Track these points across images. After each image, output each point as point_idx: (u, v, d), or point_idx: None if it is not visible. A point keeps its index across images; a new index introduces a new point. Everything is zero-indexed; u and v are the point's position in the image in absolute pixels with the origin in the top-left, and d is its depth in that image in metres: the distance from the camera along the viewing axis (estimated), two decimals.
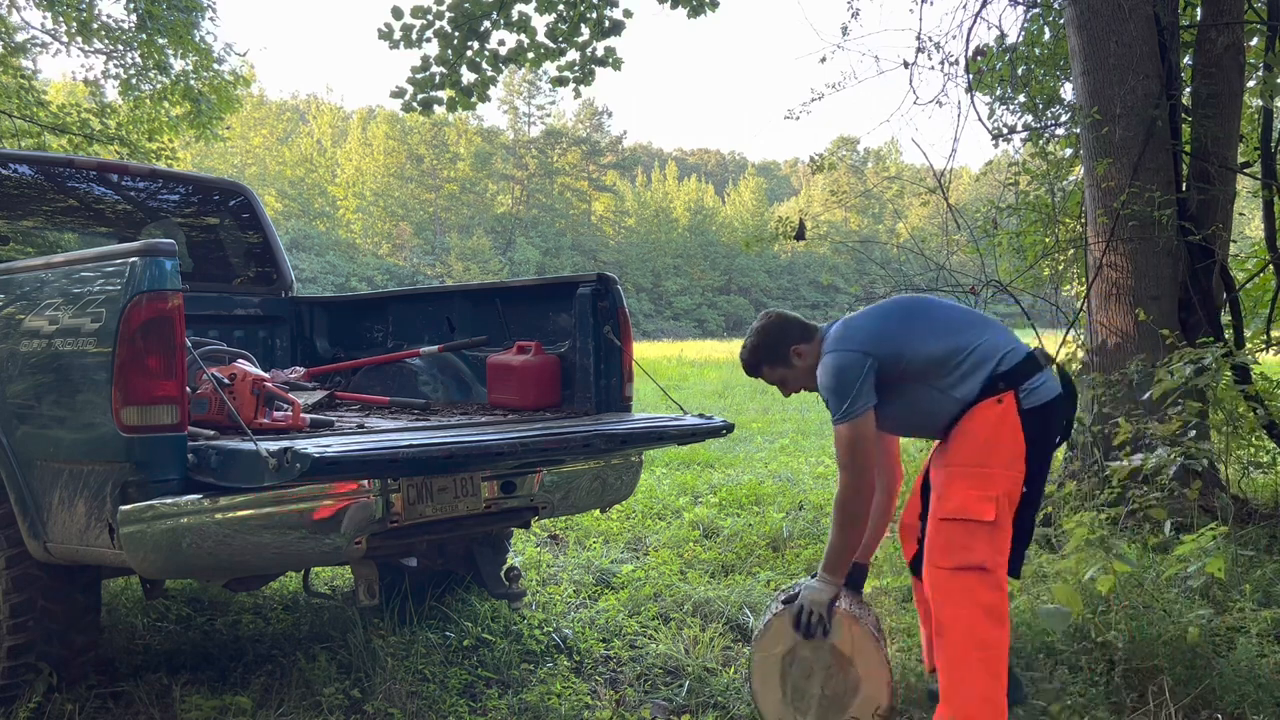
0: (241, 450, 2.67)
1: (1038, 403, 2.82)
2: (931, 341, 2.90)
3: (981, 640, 2.75)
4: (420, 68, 7.57)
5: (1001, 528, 2.79)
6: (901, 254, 8.28)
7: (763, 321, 3.21)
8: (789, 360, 3.14)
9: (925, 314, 3.01)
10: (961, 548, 2.78)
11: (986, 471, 2.79)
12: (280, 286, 5.15)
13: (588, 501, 3.75)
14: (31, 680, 3.07)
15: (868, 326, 2.99)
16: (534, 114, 70.45)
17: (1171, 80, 5.39)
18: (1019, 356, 2.86)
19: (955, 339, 2.89)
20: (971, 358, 2.86)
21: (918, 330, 2.94)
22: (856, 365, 2.86)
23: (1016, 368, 2.83)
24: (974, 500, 2.77)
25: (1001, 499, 2.78)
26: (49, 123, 10.39)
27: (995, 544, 2.78)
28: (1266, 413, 5.26)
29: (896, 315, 3.03)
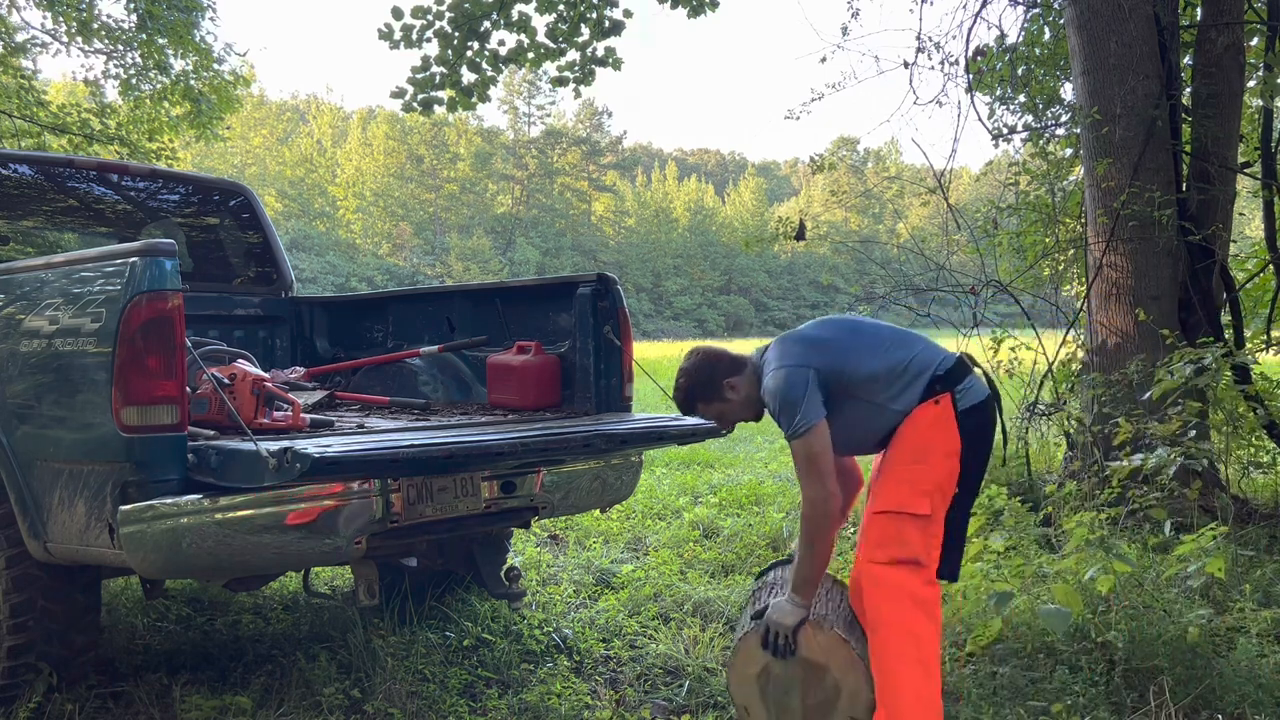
0: (241, 450, 2.67)
1: (972, 402, 2.89)
2: (870, 358, 2.93)
3: (916, 636, 2.75)
4: (420, 68, 7.57)
5: (936, 521, 2.82)
6: (901, 254, 8.28)
7: (689, 362, 3.17)
8: (723, 394, 3.10)
9: (860, 332, 3.04)
10: (896, 541, 2.80)
11: (921, 466, 2.84)
12: (280, 286, 5.15)
13: (588, 501, 3.75)
14: (31, 680, 3.07)
15: (804, 342, 3.01)
16: (534, 114, 70.48)
17: (1171, 80, 5.39)
18: (951, 362, 2.94)
19: (893, 354, 2.94)
20: (910, 369, 2.91)
21: (856, 347, 2.97)
22: (800, 379, 2.87)
23: (950, 372, 2.90)
24: (908, 494, 2.81)
25: (935, 493, 2.82)
26: (49, 123, 10.39)
27: (929, 538, 2.81)
28: (1266, 413, 5.26)
29: (833, 331, 3.05)
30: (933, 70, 10.28)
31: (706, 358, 3.16)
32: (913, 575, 2.78)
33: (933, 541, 2.82)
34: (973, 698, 3.27)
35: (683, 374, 3.16)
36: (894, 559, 2.79)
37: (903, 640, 2.75)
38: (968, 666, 3.50)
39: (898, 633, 2.76)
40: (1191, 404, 4.35)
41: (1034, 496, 5.41)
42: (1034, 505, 5.10)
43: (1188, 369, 4.21)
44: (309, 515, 2.88)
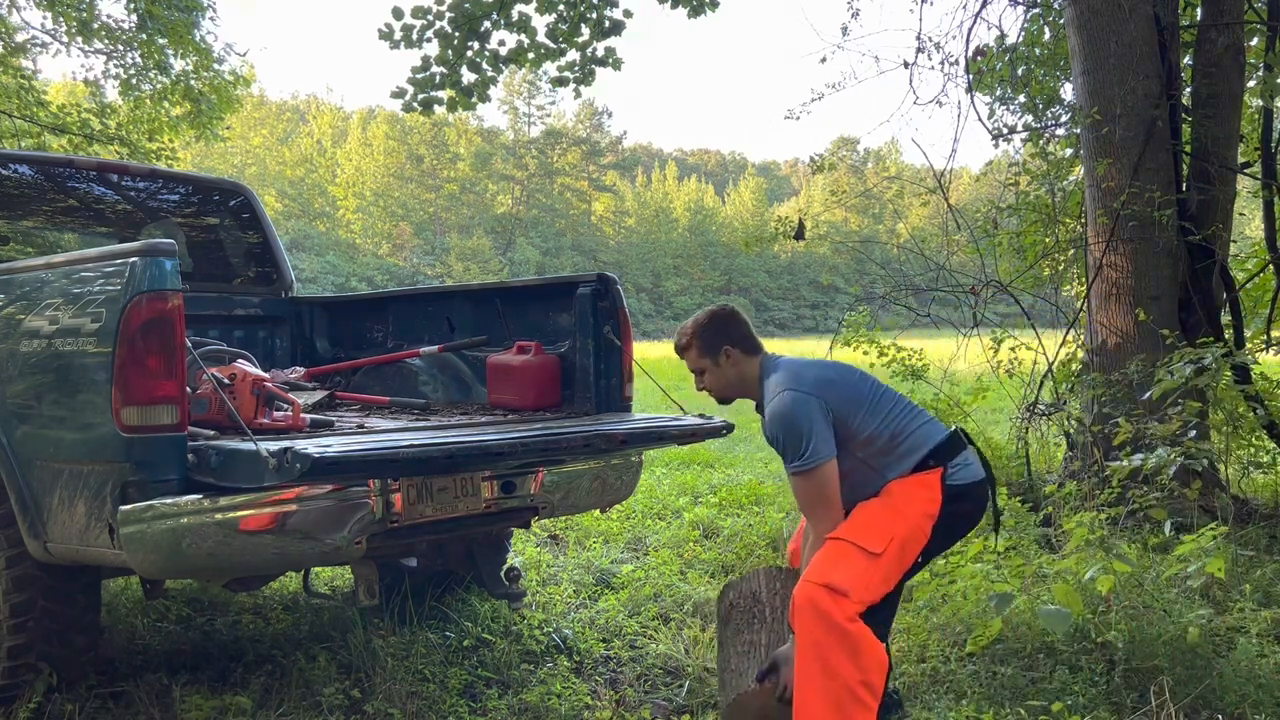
0: (241, 450, 2.67)
1: (961, 481, 2.85)
2: (874, 416, 2.90)
3: (827, 663, 2.59)
4: (420, 68, 7.56)
5: (881, 570, 2.70)
6: (901, 254, 8.28)
7: (715, 309, 3.16)
8: (717, 356, 3.07)
9: (870, 386, 2.99)
10: (835, 567, 2.68)
11: (892, 513, 2.78)
12: (280, 286, 5.14)
13: (588, 501, 3.75)
14: (31, 680, 3.07)
15: (817, 372, 2.97)
16: (534, 114, 70.47)
17: (1171, 80, 5.39)
18: (943, 436, 2.91)
19: (897, 419, 2.91)
20: (910, 440, 2.88)
21: (863, 399, 2.93)
22: (813, 409, 2.82)
23: (942, 446, 2.88)
24: (865, 529, 2.74)
25: (896, 542, 2.73)
26: (49, 123, 10.39)
27: (869, 579, 2.68)
28: (1266, 413, 5.26)
29: (843, 376, 3.01)
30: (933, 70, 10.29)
31: (730, 317, 3.12)
32: (836, 602, 2.62)
33: (871, 584, 2.69)
34: (973, 698, 3.27)
35: (702, 314, 3.15)
36: (825, 581, 2.65)
37: (812, 665, 2.61)
38: (968, 666, 3.50)
39: (809, 655, 2.62)
40: (1191, 404, 4.35)
41: (1034, 496, 5.41)
42: (1034, 505, 5.10)
43: (1188, 369, 4.20)
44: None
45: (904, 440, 2.87)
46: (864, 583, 2.67)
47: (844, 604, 2.62)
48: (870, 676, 2.62)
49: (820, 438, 2.80)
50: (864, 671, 2.61)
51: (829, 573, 2.67)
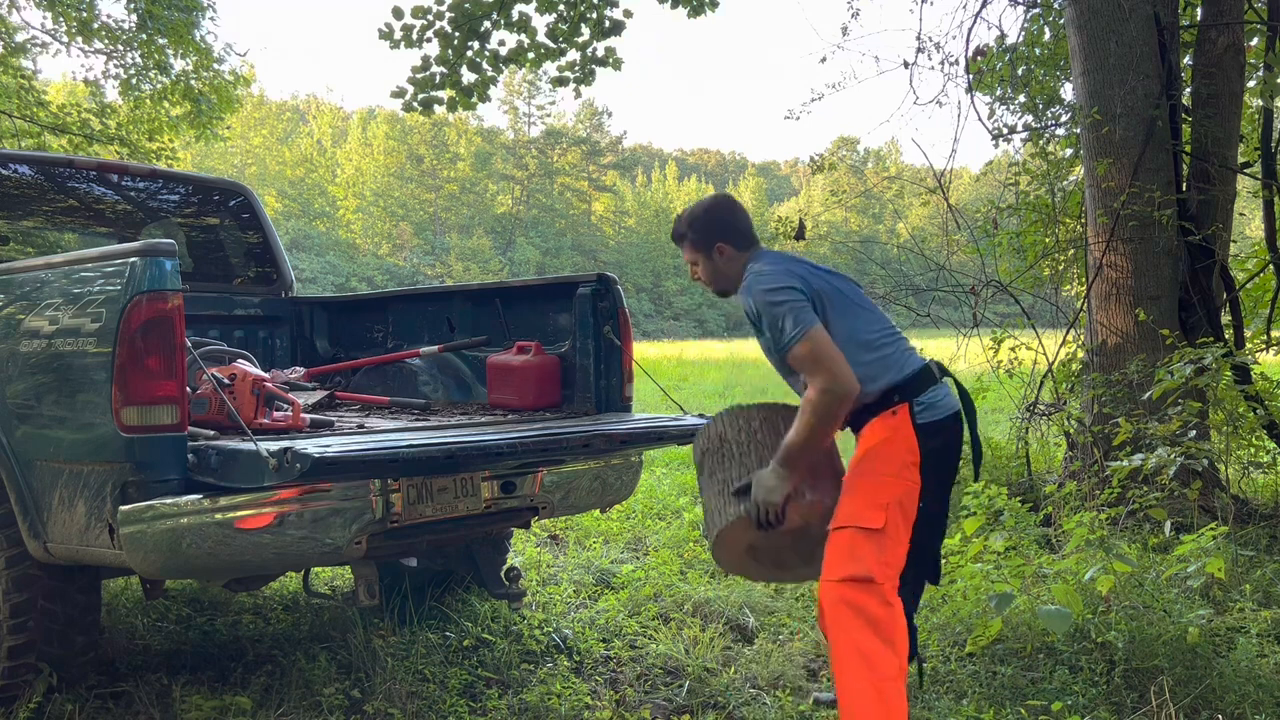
0: (242, 450, 2.67)
1: (933, 418, 2.76)
2: (855, 320, 2.82)
3: (866, 657, 2.58)
4: (421, 68, 7.57)
5: (892, 537, 2.66)
6: (901, 254, 8.29)
7: (713, 200, 3.10)
8: (710, 249, 3.00)
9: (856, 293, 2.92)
10: (848, 557, 2.65)
11: (875, 479, 2.71)
12: (280, 286, 5.14)
13: (588, 501, 3.75)
14: (31, 680, 3.07)
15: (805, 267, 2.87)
16: (534, 114, 70.47)
17: (1171, 80, 5.39)
18: (914, 369, 2.80)
19: (875, 335, 2.82)
20: (879, 361, 2.78)
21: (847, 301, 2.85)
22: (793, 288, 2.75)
23: (911, 381, 2.77)
24: (861, 507, 2.68)
25: (893, 507, 2.67)
26: (49, 123, 10.39)
27: (884, 554, 2.64)
28: (1266, 413, 5.26)
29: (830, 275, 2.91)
30: (933, 70, 10.31)
31: (727, 211, 3.06)
32: (865, 593, 2.61)
33: (889, 558, 2.65)
34: (973, 698, 3.27)
35: (699, 205, 3.09)
36: (846, 576, 2.63)
37: (853, 662, 2.60)
38: (968, 666, 3.50)
39: (849, 653, 2.61)
40: (1191, 404, 4.36)
41: (1034, 496, 5.41)
42: (1034, 505, 5.10)
43: (1188, 369, 4.21)
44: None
45: (874, 357, 2.77)
46: (882, 560, 2.63)
47: (873, 590, 2.61)
48: (904, 657, 2.62)
49: (800, 308, 2.72)
50: (900, 655, 2.61)
51: (846, 566, 2.64)
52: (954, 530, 4.79)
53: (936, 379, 2.82)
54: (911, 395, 2.75)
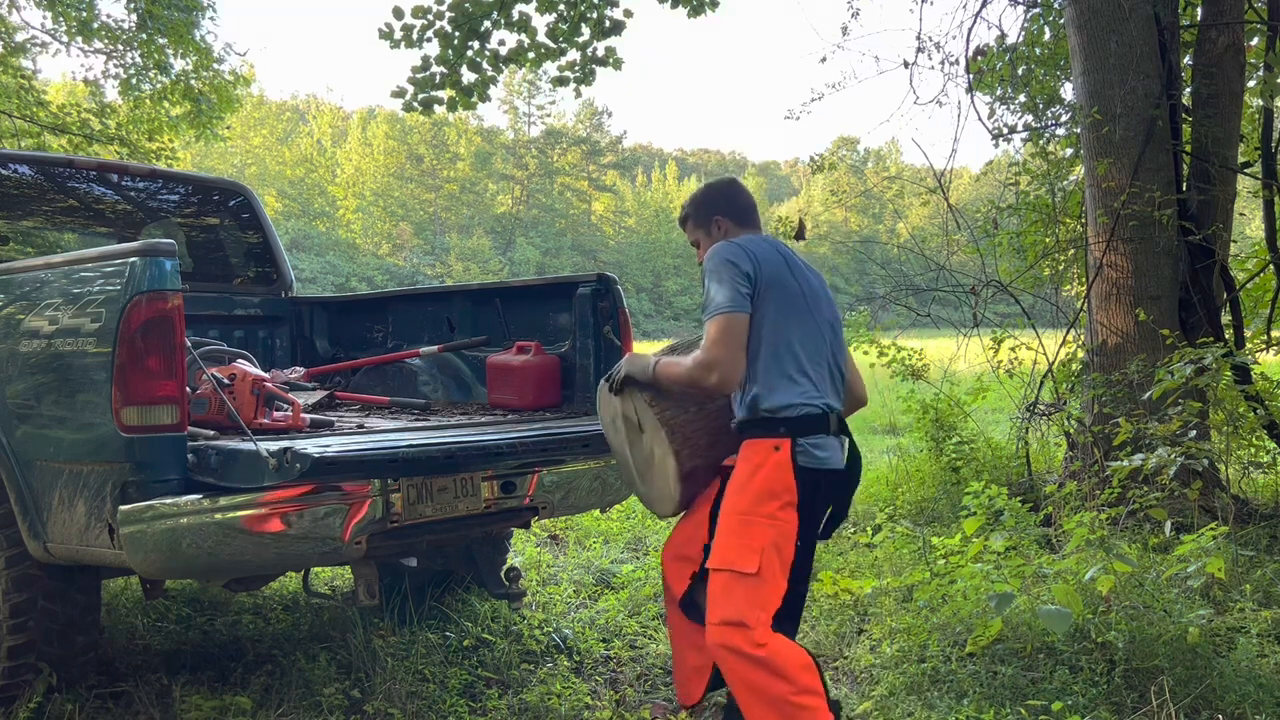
0: (241, 450, 2.67)
1: (810, 465, 2.71)
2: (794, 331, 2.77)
3: (756, 690, 2.62)
4: (421, 68, 7.56)
5: (767, 581, 2.65)
6: (901, 254, 8.29)
7: (719, 181, 3.16)
8: (709, 226, 3.04)
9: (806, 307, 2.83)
10: (721, 601, 2.67)
11: (751, 522, 2.68)
12: (280, 286, 5.14)
13: (588, 501, 3.75)
14: (31, 680, 3.07)
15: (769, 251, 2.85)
16: (534, 114, 70.43)
17: (1171, 80, 5.38)
18: (815, 410, 2.74)
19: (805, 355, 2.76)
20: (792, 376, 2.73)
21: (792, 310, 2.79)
22: (743, 269, 2.74)
23: (805, 420, 2.72)
24: (737, 550, 2.67)
25: (768, 550, 2.65)
26: (49, 123, 10.39)
27: (757, 597, 2.64)
28: (1266, 413, 5.26)
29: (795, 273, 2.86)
30: (933, 70, 10.32)
31: (727, 189, 3.11)
32: (737, 635, 2.62)
33: (761, 600, 2.65)
34: (973, 698, 3.27)
35: (703, 186, 3.16)
36: (720, 620, 2.66)
37: (746, 697, 2.65)
38: (968, 666, 3.50)
39: (740, 690, 2.66)
40: (1191, 404, 4.35)
41: (1034, 496, 5.41)
42: (1034, 505, 5.10)
43: (1188, 369, 4.20)
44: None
45: (785, 375, 2.72)
46: (755, 603, 2.64)
47: (746, 634, 2.62)
48: (802, 681, 2.62)
49: (737, 289, 2.71)
50: (794, 682, 2.61)
51: (722, 610, 2.66)
52: (954, 530, 4.80)
53: (830, 430, 2.77)
54: (797, 434, 2.70)
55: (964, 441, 6.33)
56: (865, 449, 9.34)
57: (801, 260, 2.99)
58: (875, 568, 4.80)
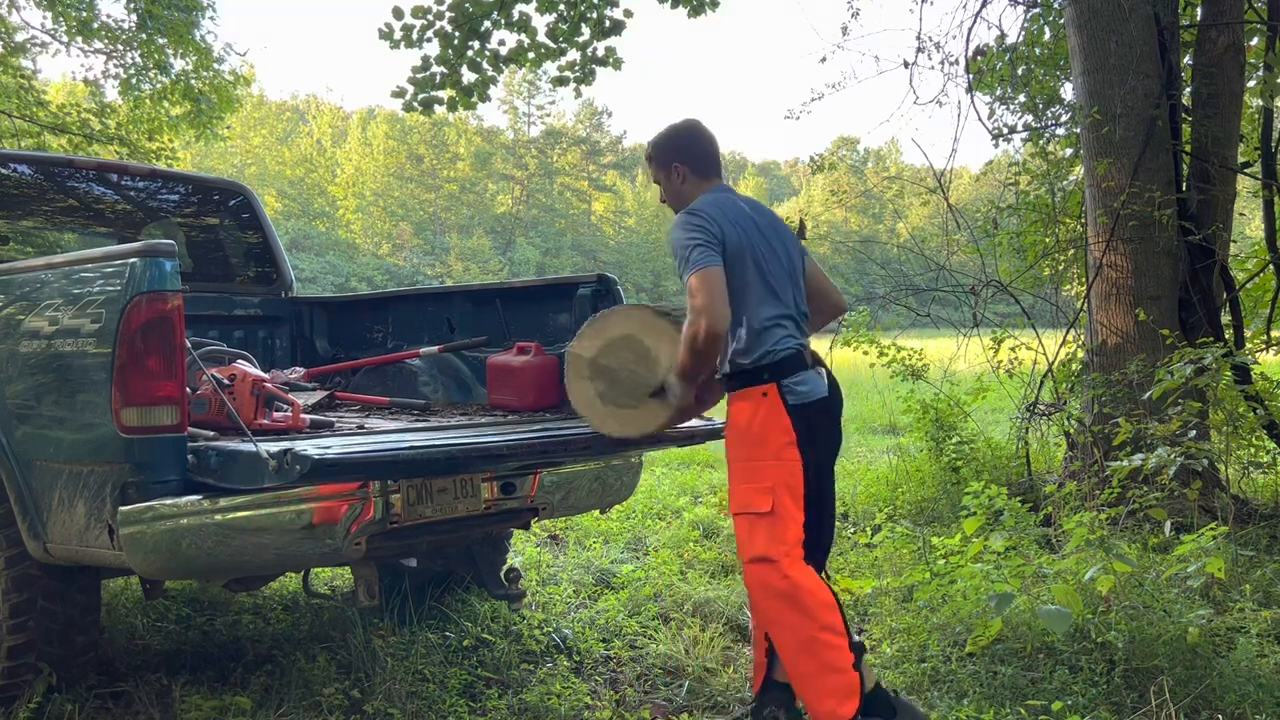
0: (241, 451, 2.67)
1: (799, 401, 2.93)
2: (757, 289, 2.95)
3: (785, 626, 2.86)
4: (421, 68, 7.56)
5: (781, 517, 2.87)
6: (901, 254, 8.30)
7: (684, 121, 3.22)
8: (668, 169, 3.16)
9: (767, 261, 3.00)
10: (747, 542, 2.92)
11: (756, 465, 2.91)
12: (280, 287, 5.14)
13: (588, 502, 3.75)
14: (31, 680, 3.07)
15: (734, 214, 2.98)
16: (534, 114, 70.41)
17: (1171, 80, 5.38)
18: (786, 352, 2.95)
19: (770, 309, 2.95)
20: (761, 329, 2.94)
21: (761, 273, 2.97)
22: (710, 232, 2.88)
23: (782, 364, 2.93)
24: (749, 494, 2.91)
25: (778, 489, 2.87)
26: (49, 123, 10.39)
27: (775, 534, 2.87)
28: (1266, 413, 5.26)
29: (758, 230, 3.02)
30: (933, 70, 10.31)
31: (689, 134, 3.18)
32: (768, 571, 2.87)
33: (782, 535, 2.87)
34: (973, 698, 3.27)
35: (666, 129, 3.23)
36: (749, 558, 2.92)
37: (777, 631, 2.91)
38: (968, 666, 3.50)
39: (771, 626, 2.92)
40: (1191, 404, 4.35)
41: (1034, 496, 5.41)
42: (1034, 505, 5.10)
43: (1188, 369, 4.20)
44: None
45: (754, 331, 2.92)
46: (776, 538, 2.87)
47: (774, 568, 2.86)
48: (824, 618, 2.84)
49: (708, 248, 2.86)
50: (817, 618, 2.84)
51: (749, 549, 2.92)
52: (954, 530, 4.80)
53: (807, 365, 2.99)
54: (780, 377, 2.93)
55: (964, 441, 6.33)
56: (865, 449, 9.41)
57: (758, 207, 3.16)
58: (875, 568, 4.80)
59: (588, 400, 3.21)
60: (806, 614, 2.84)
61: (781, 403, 2.90)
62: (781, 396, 2.90)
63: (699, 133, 3.20)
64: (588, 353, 3.20)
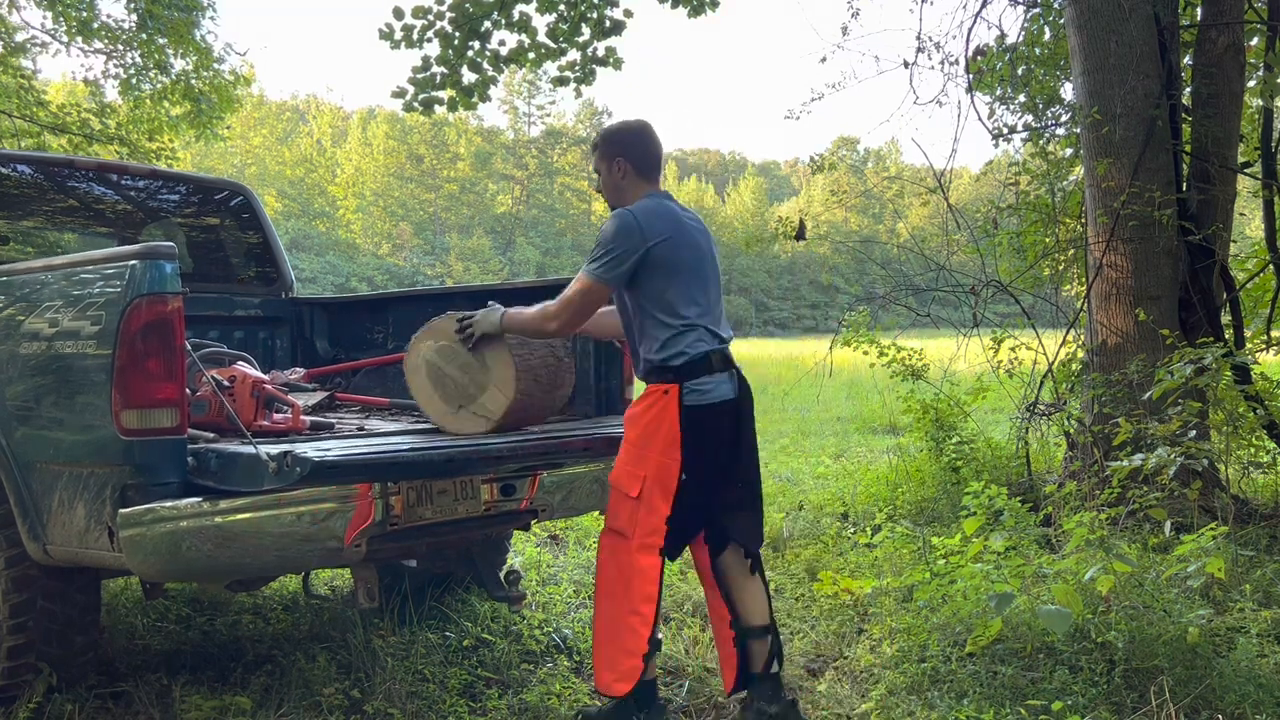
0: (241, 453, 2.67)
1: (700, 402, 3.05)
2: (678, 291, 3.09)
3: (612, 596, 3.09)
4: (421, 68, 7.56)
5: (646, 504, 3.04)
6: (901, 254, 8.29)
7: (633, 123, 3.34)
8: (611, 162, 3.27)
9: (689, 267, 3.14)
10: (612, 512, 3.13)
11: (641, 452, 3.07)
12: (280, 287, 5.14)
13: (588, 503, 3.75)
14: (31, 680, 3.07)
15: (665, 226, 3.10)
16: (534, 114, 70.50)
17: (1171, 80, 5.38)
18: (694, 356, 3.06)
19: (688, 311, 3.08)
20: (676, 331, 3.07)
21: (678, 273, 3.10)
22: (632, 243, 3.04)
23: (688, 365, 3.06)
24: (625, 473, 3.10)
25: (650, 480, 3.04)
26: (49, 123, 10.39)
27: (636, 518, 3.05)
28: (1266, 413, 5.26)
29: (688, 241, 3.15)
30: (933, 70, 10.31)
31: (637, 133, 3.29)
32: (619, 542, 3.08)
33: (643, 519, 3.04)
34: (973, 698, 3.27)
35: (619, 123, 3.38)
36: (608, 527, 3.14)
37: (601, 595, 3.12)
38: (968, 666, 3.50)
39: (601, 588, 3.13)
40: (1191, 404, 4.35)
41: (1034, 496, 5.41)
42: (1034, 505, 5.10)
43: (1188, 369, 4.20)
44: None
45: (670, 333, 3.07)
46: (635, 520, 3.06)
47: (625, 544, 3.07)
48: (638, 606, 3.04)
49: (616, 264, 3.04)
50: (632, 602, 3.04)
51: (611, 519, 3.14)
52: (954, 530, 4.80)
53: (714, 370, 3.09)
54: (685, 379, 3.05)
55: (964, 441, 6.33)
56: (865, 449, 9.40)
57: (688, 215, 3.28)
58: (875, 568, 4.80)
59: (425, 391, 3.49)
60: (629, 595, 3.04)
61: (678, 403, 3.03)
62: (681, 397, 3.03)
63: (648, 134, 3.32)
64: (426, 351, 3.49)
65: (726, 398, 3.11)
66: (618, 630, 3.07)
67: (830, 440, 10.30)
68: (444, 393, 3.45)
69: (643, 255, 3.04)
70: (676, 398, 3.04)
